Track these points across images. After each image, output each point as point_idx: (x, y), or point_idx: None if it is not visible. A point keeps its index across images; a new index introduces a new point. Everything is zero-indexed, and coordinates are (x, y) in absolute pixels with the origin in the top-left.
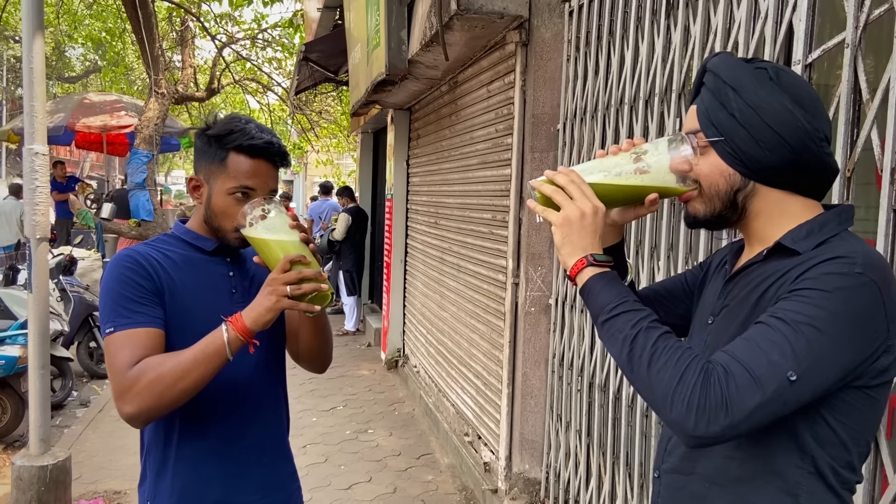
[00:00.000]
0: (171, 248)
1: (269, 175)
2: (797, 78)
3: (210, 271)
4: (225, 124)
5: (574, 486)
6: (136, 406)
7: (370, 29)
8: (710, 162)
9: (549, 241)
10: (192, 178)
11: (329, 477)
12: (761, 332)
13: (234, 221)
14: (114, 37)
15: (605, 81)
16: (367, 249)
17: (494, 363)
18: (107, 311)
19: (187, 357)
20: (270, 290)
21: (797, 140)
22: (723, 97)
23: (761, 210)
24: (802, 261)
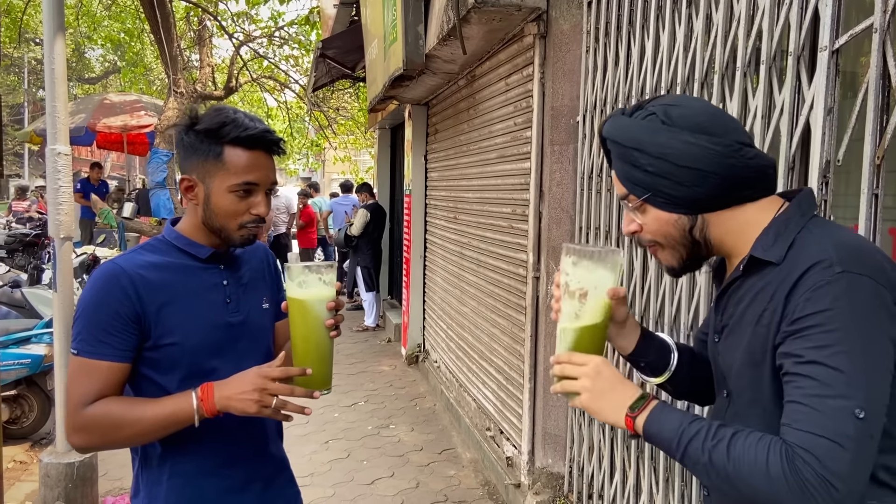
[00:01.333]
0: (161, 257)
1: (268, 167)
2: (687, 106)
3: (204, 280)
4: (214, 117)
5: (598, 481)
6: (84, 442)
7: (387, 24)
8: (653, 217)
9: (569, 234)
10: (184, 179)
11: (352, 472)
12: (804, 390)
13: (238, 219)
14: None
15: (625, 72)
16: (385, 245)
17: (516, 357)
18: (76, 329)
19: (150, 416)
20: (257, 399)
21: (716, 165)
22: (630, 159)
23: (723, 233)
24: (783, 276)
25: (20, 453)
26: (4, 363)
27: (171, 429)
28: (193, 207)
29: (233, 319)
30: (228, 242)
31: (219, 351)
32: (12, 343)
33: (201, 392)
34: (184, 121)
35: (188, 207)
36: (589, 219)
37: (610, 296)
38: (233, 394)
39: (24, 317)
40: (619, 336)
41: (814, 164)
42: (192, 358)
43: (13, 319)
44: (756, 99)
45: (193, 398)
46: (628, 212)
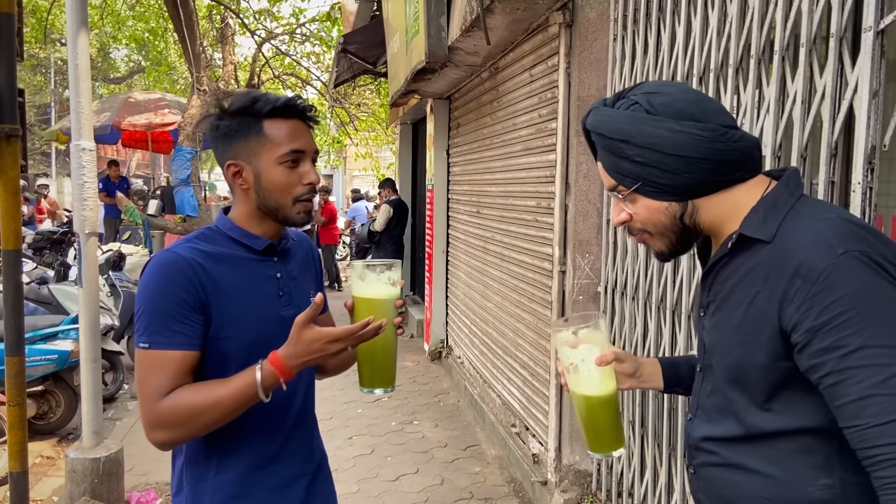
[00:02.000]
0: (216, 247)
1: (309, 134)
2: (669, 94)
3: (258, 273)
4: (244, 97)
5: (627, 479)
6: (167, 437)
7: (409, 17)
8: (643, 206)
9: (596, 227)
10: (229, 165)
11: (376, 468)
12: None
13: (291, 192)
14: (156, 36)
15: (654, 60)
16: (407, 241)
17: (542, 353)
18: (143, 323)
19: (227, 397)
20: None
21: (704, 150)
22: (617, 150)
23: (713, 216)
24: (777, 256)
25: (47, 448)
26: (32, 359)
27: (246, 406)
28: (244, 193)
29: (285, 313)
30: (287, 222)
31: (272, 346)
32: (39, 339)
33: (271, 361)
34: (212, 111)
35: (238, 195)
36: None
37: (598, 364)
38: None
39: (50, 313)
40: (641, 383)
41: (858, 150)
42: (247, 353)
43: (40, 315)
44: (795, 83)
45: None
46: (617, 202)
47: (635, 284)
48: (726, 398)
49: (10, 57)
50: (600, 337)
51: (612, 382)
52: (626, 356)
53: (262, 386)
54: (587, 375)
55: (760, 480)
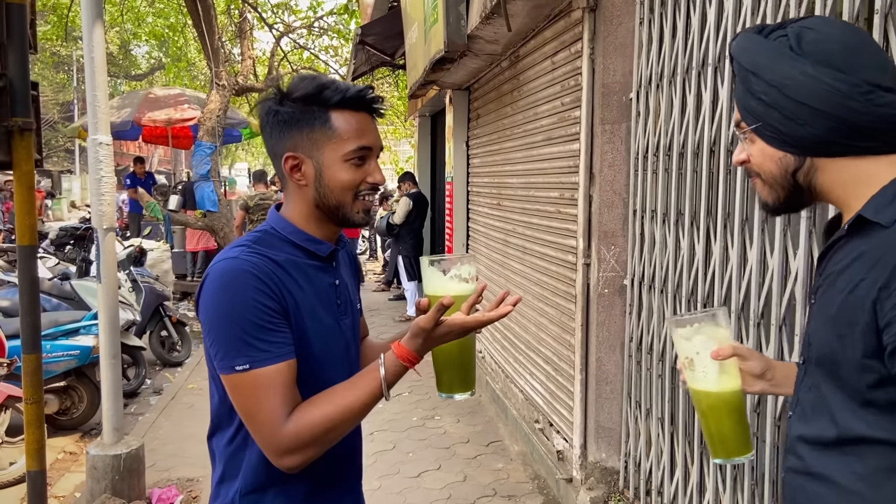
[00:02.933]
0: (280, 253)
1: (375, 129)
2: (826, 32)
3: (320, 281)
4: (310, 82)
5: (656, 477)
6: (302, 459)
7: (427, 6)
8: (759, 149)
9: (622, 218)
10: (287, 157)
11: (398, 464)
12: None
13: (353, 190)
14: (175, 32)
15: (684, 43)
16: (427, 235)
17: (565, 348)
18: (230, 343)
19: (356, 401)
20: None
21: (832, 105)
22: (747, 83)
23: (833, 183)
24: (891, 243)
25: (70, 444)
26: (54, 354)
27: (373, 405)
28: (301, 190)
29: (342, 323)
30: (346, 222)
31: (334, 358)
32: (61, 335)
33: (399, 356)
34: (270, 95)
35: (293, 191)
36: (644, 201)
37: (714, 358)
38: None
39: (73, 308)
40: (774, 388)
41: None
42: (315, 367)
43: (63, 311)
44: None
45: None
46: (740, 140)
47: (664, 277)
48: (821, 394)
49: (22, 49)
50: (719, 330)
51: (734, 380)
52: (750, 353)
53: (387, 382)
54: (702, 370)
55: (844, 497)
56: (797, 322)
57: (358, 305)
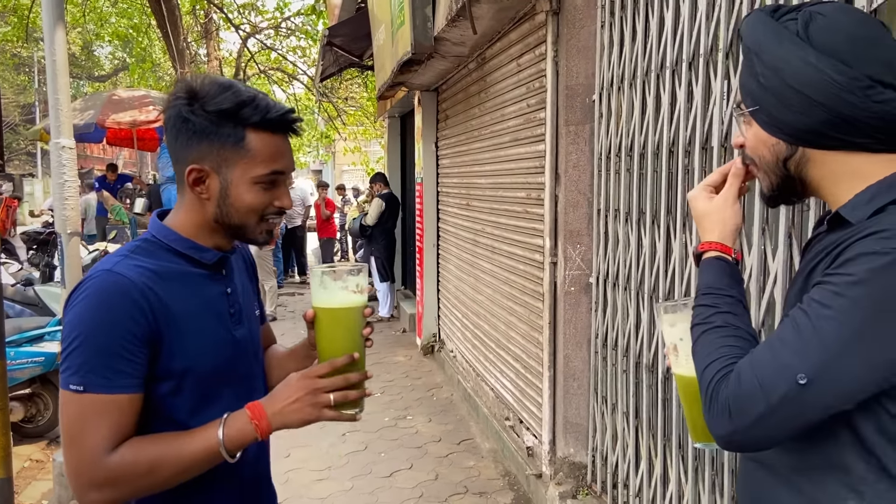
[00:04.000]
0: (160, 262)
1: (291, 152)
2: (837, 19)
3: (209, 291)
4: (229, 96)
5: (622, 470)
6: (109, 499)
7: (394, 8)
8: (753, 133)
9: (587, 217)
10: (192, 169)
11: (370, 465)
12: (782, 330)
13: (259, 213)
14: (139, 32)
15: (643, 46)
16: (398, 235)
17: (534, 345)
18: (77, 360)
19: (188, 452)
20: (312, 402)
21: (828, 96)
22: (750, 63)
23: (823, 176)
24: (848, 235)
25: (36, 452)
26: (18, 361)
27: (211, 463)
28: (201, 202)
29: (237, 334)
30: (246, 240)
31: (227, 372)
32: (25, 341)
33: (252, 413)
34: (179, 94)
35: (190, 201)
36: (608, 201)
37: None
38: (283, 406)
39: (37, 314)
40: None
41: None
42: (205, 383)
43: (27, 317)
44: None
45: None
46: (739, 122)
47: (627, 274)
48: None
49: None
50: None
51: None
52: None
53: (226, 441)
54: (685, 356)
55: (787, 489)
56: (752, 317)
57: (257, 312)
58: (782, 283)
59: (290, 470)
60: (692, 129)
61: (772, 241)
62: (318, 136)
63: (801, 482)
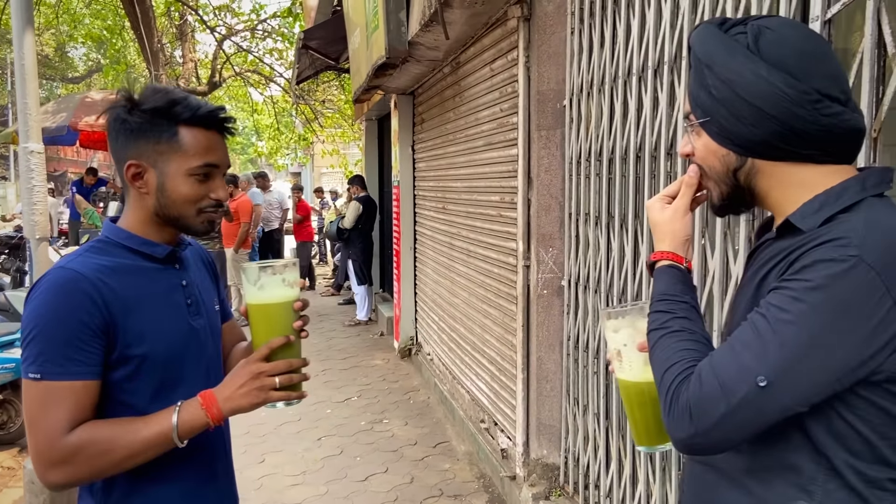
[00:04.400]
0: (114, 259)
1: (224, 148)
2: (785, 34)
3: (163, 282)
4: (162, 96)
5: (594, 471)
6: (66, 476)
7: (368, 12)
8: (703, 144)
9: (559, 221)
10: (130, 165)
11: (345, 469)
12: (741, 333)
13: (196, 204)
14: (113, 34)
15: (611, 53)
16: (375, 238)
17: (508, 348)
18: (33, 350)
19: (143, 436)
20: (259, 385)
21: (780, 109)
22: (700, 75)
23: (771, 186)
24: (802, 242)
25: (7, 459)
26: None
27: (163, 448)
28: (142, 197)
29: (195, 323)
30: (188, 231)
31: (186, 359)
32: None
33: (203, 400)
34: (119, 100)
35: (133, 198)
36: (579, 205)
37: (640, 350)
38: (232, 392)
39: (8, 320)
40: None
41: None
42: (163, 369)
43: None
44: None
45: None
46: (687, 132)
47: (598, 277)
48: None
49: None
50: (645, 323)
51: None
52: None
53: (179, 427)
54: (629, 361)
55: (737, 491)
56: (714, 318)
57: (216, 307)
58: (720, 280)
59: (264, 475)
60: (658, 134)
61: (733, 246)
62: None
63: (752, 484)
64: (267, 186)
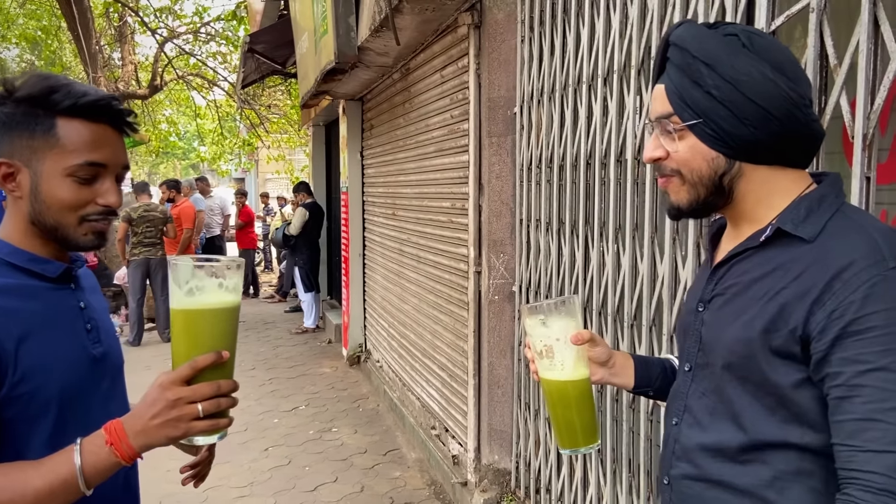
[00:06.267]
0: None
1: (118, 144)
2: (772, 41)
3: (58, 304)
4: (39, 82)
5: (545, 475)
6: None
7: (317, 16)
8: (689, 146)
9: (510, 227)
10: (2, 163)
11: (293, 479)
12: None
13: (78, 212)
14: (49, 35)
15: (561, 61)
16: (323, 244)
17: (459, 354)
18: None
19: (37, 485)
20: (177, 416)
21: (784, 111)
22: (695, 74)
23: (749, 190)
24: (817, 257)
25: None
26: None
27: (66, 500)
28: (15, 202)
29: (95, 351)
30: (68, 244)
31: (87, 395)
32: None
33: (109, 435)
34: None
35: (10, 205)
36: (529, 211)
37: (574, 342)
38: (144, 424)
39: None
40: (612, 376)
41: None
42: (60, 405)
43: None
44: None
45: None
46: (658, 135)
47: (548, 283)
48: (725, 399)
49: None
50: (576, 317)
51: (587, 369)
52: (600, 339)
53: (85, 470)
54: (561, 357)
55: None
56: (664, 323)
57: (117, 334)
58: (669, 285)
59: (209, 488)
60: (607, 142)
61: (682, 250)
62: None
63: (767, 493)
64: (207, 191)
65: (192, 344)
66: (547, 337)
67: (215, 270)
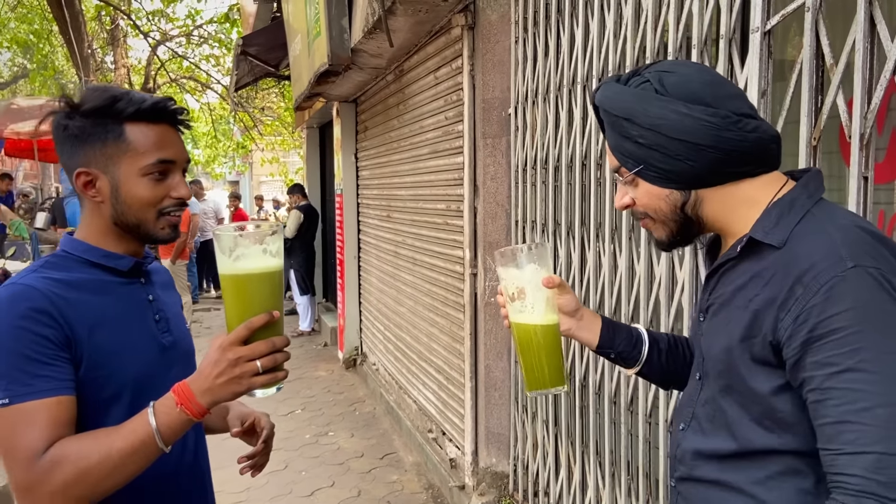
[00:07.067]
0: (71, 274)
1: (179, 141)
2: (685, 74)
3: (129, 297)
4: (101, 94)
5: (543, 478)
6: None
7: (310, 19)
8: (645, 191)
9: (505, 228)
10: (80, 174)
11: (290, 484)
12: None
13: (157, 206)
14: (41, 38)
15: (555, 62)
16: (318, 247)
17: (456, 356)
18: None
19: (119, 447)
20: (239, 373)
21: (711, 138)
22: (621, 129)
23: (717, 210)
24: (784, 262)
25: None
26: None
27: (147, 458)
28: (97, 207)
29: (164, 341)
30: (149, 238)
31: (158, 377)
32: None
33: (178, 397)
34: (59, 107)
35: (89, 210)
36: (525, 212)
37: (545, 285)
38: (210, 384)
39: None
40: (578, 329)
41: None
42: (131, 392)
43: None
44: None
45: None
46: (621, 185)
47: None
48: (719, 408)
49: None
50: (547, 262)
51: (556, 315)
52: (568, 288)
53: (160, 430)
54: (532, 299)
55: (745, 502)
56: (662, 324)
57: (187, 326)
58: (689, 292)
59: None
60: (602, 143)
61: (679, 251)
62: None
63: (760, 492)
64: (201, 195)
65: (244, 307)
66: (519, 279)
67: (258, 237)
